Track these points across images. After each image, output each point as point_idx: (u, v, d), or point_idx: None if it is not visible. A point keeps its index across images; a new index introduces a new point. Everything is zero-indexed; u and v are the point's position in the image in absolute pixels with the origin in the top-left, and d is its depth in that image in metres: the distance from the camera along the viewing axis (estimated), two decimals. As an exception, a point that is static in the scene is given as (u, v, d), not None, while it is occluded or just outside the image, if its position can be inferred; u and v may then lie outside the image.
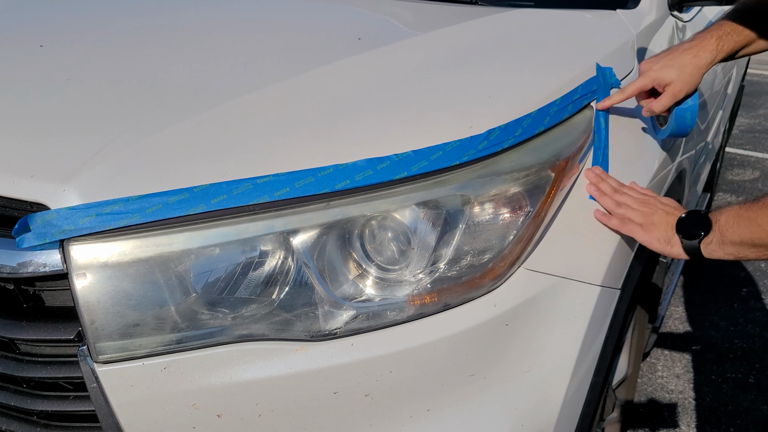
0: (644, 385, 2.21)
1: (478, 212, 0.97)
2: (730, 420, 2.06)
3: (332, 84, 1.08)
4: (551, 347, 1.02)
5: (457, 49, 1.24)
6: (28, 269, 0.85)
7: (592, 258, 1.09)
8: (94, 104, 1.03)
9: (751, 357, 2.37)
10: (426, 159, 0.92)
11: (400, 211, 0.94)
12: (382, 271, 0.94)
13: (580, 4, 1.56)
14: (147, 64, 1.18)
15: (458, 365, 0.96)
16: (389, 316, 0.93)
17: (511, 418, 1.00)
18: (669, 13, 1.72)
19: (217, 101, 1.01)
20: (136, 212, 0.84)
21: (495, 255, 0.97)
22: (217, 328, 0.89)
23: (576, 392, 1.07)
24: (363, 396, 0.92)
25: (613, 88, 1.17)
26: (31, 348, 0.92)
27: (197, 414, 0.89)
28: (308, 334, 0.91)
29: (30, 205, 0.86)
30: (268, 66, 1.17)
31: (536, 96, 1.06)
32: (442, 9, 1.56)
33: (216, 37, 1.32)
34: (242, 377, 0.88)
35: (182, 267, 0.86)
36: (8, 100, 1.06)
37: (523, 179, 1.00)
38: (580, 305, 1.05)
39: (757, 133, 5.30)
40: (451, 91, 1.09)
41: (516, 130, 0.99)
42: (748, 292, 2.83)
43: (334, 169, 0.89)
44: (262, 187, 0.87)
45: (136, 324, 0.86)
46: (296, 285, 0.91)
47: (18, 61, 1.20)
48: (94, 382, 0.86)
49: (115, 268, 0.85)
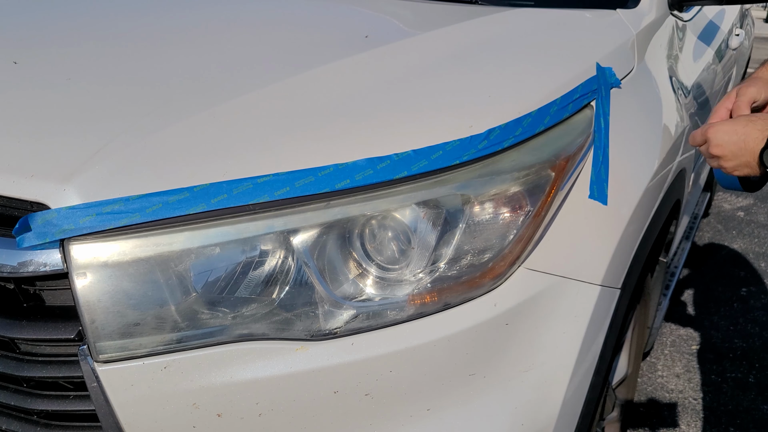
0: (644, 385, 2.21)
1: (478, 212, 0.97)
2: (730, 419, 2.06)
3: (332, 83, 1.08)
4: (551, 346, 1.02)
5: (458, 49, 1.24)
6: (29, 269, 0.85)
7: (592, 257, 1.09)
8: (94, 104, 1.03)
9: (750, 356, 2.37)
10: (426, 158, 0.92)
11: (400, 211, 0.94)
12: (383, 270, 0.94)
13: (580, 4, 1.56)
14: (147, 64, 1.18)
15: (458, 364, 0.96)
16: (389, 315, 0.93)
17: (511, 418, 1.00)
18: (669, 13, 1.72)
19: (217, 101, 1.01)
20: (136, 212, 0.84)
21: (495, 254, 0.97)
22: (218, 327, 0.89)
23: (576, 391, 1.08)
24: (363, 395, 0.92)
25: (613, 87, 1.17)
26: (32, 347, 0.92)
27: (197, 413, 0.89)
28: (308, 333, 0.91)
29: (30, 204, 0.86)
30: (268, 66, 1.17)
31: (536, 95, 1.06)
32: (441, 8, 1.56)
33: (217, 37, 1.32)
34: (242, 377, 0.88)
35: (182, 266, 0.87)
36: (8, 99, 1.06)
37: (524, 179, 1.00)
38: (580, 305, 1.05)
39: None
40: (451, 90, 1.09)
41: (516, 130, 0.99)
42: (748, 292, 2.83)
43: (334, 168, 0.89)
44: (262, 187, 0.87)
45: (136, 323, 0.86)
46: (296, 284, 0.91)
47: (18, 60, 1.20)
48: (95, 381, 0.86)
49: (116, 268, 0.85)
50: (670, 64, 1.61)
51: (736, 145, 1.00)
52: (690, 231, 2.58)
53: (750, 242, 3.35)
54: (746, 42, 3.45)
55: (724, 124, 1.04)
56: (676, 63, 1.68)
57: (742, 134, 0.99)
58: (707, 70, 2.05)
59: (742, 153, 0.99)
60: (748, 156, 0.99)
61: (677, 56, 1.73)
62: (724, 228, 3.52)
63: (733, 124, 1.03)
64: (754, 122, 1.00)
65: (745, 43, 3.29)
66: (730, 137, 1.00)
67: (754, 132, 0.99)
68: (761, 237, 3.42)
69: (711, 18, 2.36)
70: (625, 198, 1.15)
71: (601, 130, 1.12)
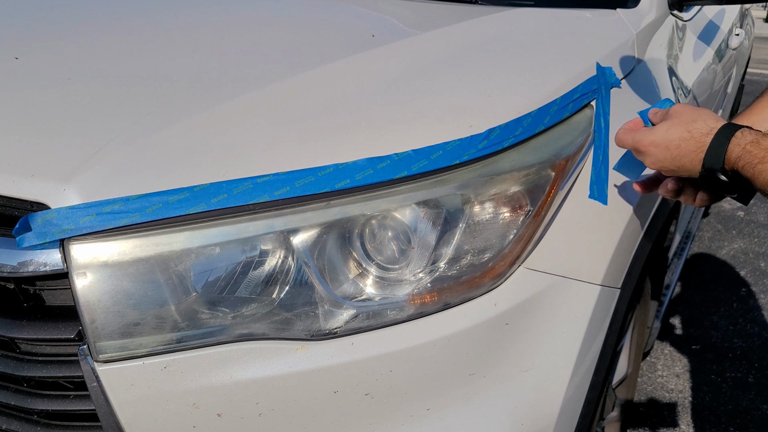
0: (644, 385, 2.21)
1: (478, 211, 0.97)
2: (730, 419, 2.06)
3: (332, 83, 1.08)
4: (551, 346, 1.02)
5: (458, 48, 1.24)
6: (29, 268, 0.85)
7: (592, 257, 1.09)
8: (94, 104, 1.03)
9: (750, 356, 2.37)
10: (426, 158, 0.92)
11: (400, 211, 0.94)
12: (383, 270, 0.94)
13: (580, 3, 1.57)
14: (147, 64, 1.18)
15: (458, 364, 0.96)
16: (389, 315, 0.93)
17: (511, 417, 1.00)
18: (669, 12, 1.72)
19: (217, 101, 1.01)
20: (136, 211, 0.84)
21: (495, 254, 0.97)
22: (218, 327, 0.89)
23: (576, 391, 1.08)
24: (363, 395, 0.92)
25: (613, 87, 1.17)
26: (32, 347, 0.92)
27: (197, 413, 0.89)
28: (308, 333, 0.91)
29: (30, 204, 0.86)
30: (268, 65, 1.17)
31: (536, 95, 1.06)
32: (441, 8, 1.56)
33: (217, 37, 1.32)
34: (242, 376, 0.88)
35: (182, 266, 0.87)
36: (8, 99, 1.06)
37: (524, 178, 1.00)
38: (580, 304, 1.05)
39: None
40: (451, 90, 1.09)
41: (516, 130, 0.99)
42: (748, 292, 2.83)
43: (334, 168, 0.89)
44: (262, 187, 0.87)
45: (136, 323, 0.86)
46: (296, 284, 0.91)
47: (18, 60, 1.19)
48: (95, 381, 0.86)
49: (116, 268, 0.85)
50: (670, 63, 1.62)
51: (672, 164, 0.90)
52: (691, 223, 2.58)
53: (750, 242, 3.35)
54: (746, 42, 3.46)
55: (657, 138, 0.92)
56: (676, 63, 1.68)
57: (676, 153, 0.89)
58: (707, 69, 2.05)
59: (682, 171, 0.90)
60: (688, 173, 0.90)
61: (677, 56, 1.73)
62: (724, 228, 3.52)
63: (666, 142, 0.90)
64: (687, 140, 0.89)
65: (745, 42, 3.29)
66: (664, 155, 0.90)
67: (689, 154, 0.88)
68: (761, 237, 3.42)
69: (711, 18, 2.36)
70: (625, 198, 1.15)
71: (601, 129, 1.12)
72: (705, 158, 0.86)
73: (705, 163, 0.86)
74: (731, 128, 0.86)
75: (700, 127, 0.88)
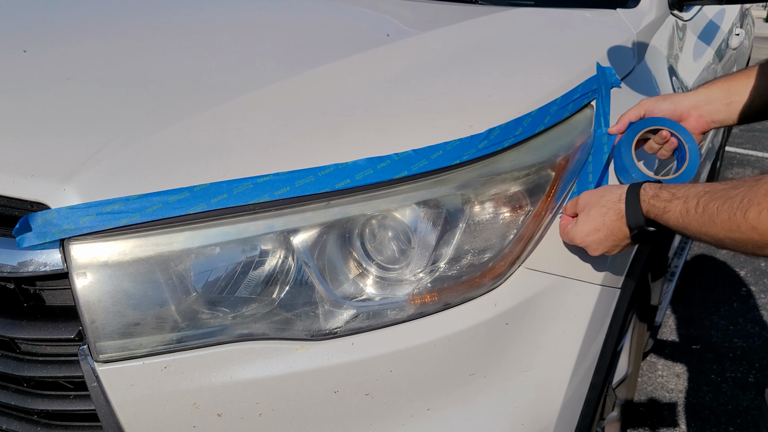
0: (644, 385, 2.21)
1: (478, 211, 0.97)
2: (730, 419, 2.06)
3: (332, 83, 1.08)
4: (551, 346, 1.02)
5: (458, 49, 1.24)
6: (29, 268, 0.85)
7: (592, 257, 1.08)
8: (94, 104, 1.03)
9: (750, 356, 2.37)
10: (426, 158, 0.92)
11: (400, 211, 0.94)
12: (383, 270, 0.94)
13: (580, 3, 1.57)
14: (148, 64, 1.18)
15: (458, 364, 0.96)
16: (389, 315, 0.93)
17: (511, 417, 1.00)
18: (669, 12, 1.72)
19: (217, 101, 1.01)
20: (136, 211, 0.84)
21: (495, 254, 0.97)
22: (218, 327, 0.89)
23: (576, 391, 1.08)
24: (363, 395, 0.92)
25: (613, 87, 1.17)
26: (32, 347, 0.92)
27: (197, 413, 0.89)
28: (308, 333, 0.91)
29: (30, 204, 0.86)
30: (269, 65, 1.17)
31: (537, 95, 1.06)
32: (441, 8, 1.56)
33: (217, 37, 1.32)
34: (243, 376, 0.88)
35: (182, 266, 0.87)
36: (8, 99, 1.06)
37: (524, 178, 1.00)
38: (581, 304, 1.05)
39: (757, 132, 5.30)
40: (451, 90, 1.09)
41: (516, 129, 0.99)
42: (748, 292, 2.83)
43: (334, 168, 0.89)
44: (262, 187, 0.87)
45: (136, 323, 0.86)
46: (296, 284, 0.91)
47: (18, 60, 1.20)
48: (95, 381, 0.86)
49: (116, 268, 0.85)
50: (670, 63, 1.62)
51: (609, 240, 0.95)
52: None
53: (750, 242, 3.34)
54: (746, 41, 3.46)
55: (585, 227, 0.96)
56: (676, 62, 1.68)
57: (606, 230, 0.94)
58: (707, 69, 2.05)
59: (620, 241, 0.95)
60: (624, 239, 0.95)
61: (677, 56, 1.73)
62: (724, 228, 3.51)
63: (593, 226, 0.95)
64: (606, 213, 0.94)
65: (745, 42, 3.29)
66: (599, 238, 0.95)
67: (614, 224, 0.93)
68: (761, 237, 3.41)
69: (711, 18, 2.36)
70: (625, 198, 1.14)
71: (601, 129, 1.12)
72: (627, 220, 0.92)
73: (629, 224, 0.92)
74: (635, 188, 0.92)
75: (611, 198, 0.94)
